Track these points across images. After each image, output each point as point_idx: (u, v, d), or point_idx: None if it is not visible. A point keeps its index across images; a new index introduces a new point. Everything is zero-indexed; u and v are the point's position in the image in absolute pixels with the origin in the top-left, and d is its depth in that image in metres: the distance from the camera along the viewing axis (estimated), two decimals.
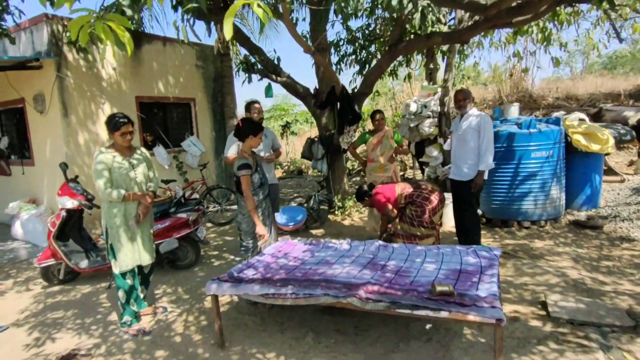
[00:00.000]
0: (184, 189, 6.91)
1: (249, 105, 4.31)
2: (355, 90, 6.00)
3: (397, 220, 3.72)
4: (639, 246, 4.26)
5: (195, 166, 7.56)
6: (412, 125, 6.75)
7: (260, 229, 3.36)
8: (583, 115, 6.60)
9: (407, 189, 3.69)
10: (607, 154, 5.52)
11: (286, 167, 13.73)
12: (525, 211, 4.89)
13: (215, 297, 2.85)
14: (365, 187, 4.02)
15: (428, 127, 6.73)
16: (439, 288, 2.34)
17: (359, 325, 3.04)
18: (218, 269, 4.48)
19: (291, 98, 14.75)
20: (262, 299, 2.66)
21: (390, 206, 3.73)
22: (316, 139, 6.19)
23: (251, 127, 3.38)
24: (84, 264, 4.25)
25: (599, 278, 3.57)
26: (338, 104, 4.75)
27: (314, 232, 5.68)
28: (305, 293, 2.53)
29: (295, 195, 8.86)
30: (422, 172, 7.46)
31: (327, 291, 2.51)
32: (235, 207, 7.39)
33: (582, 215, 5.14)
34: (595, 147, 4.96)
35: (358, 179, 9.15)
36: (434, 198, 3.57)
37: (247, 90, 26.51)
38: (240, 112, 9.30)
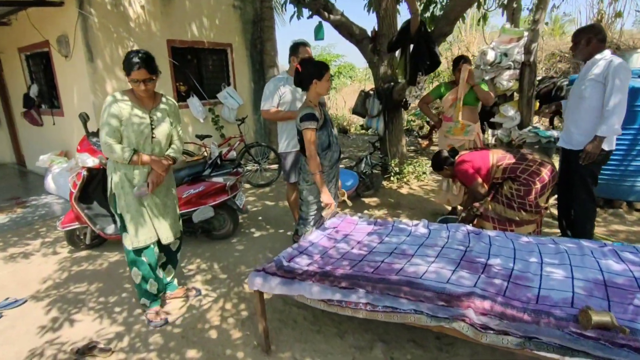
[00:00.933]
0: (220, 145, 6.30)
1: (296, 48, 3.42)
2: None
3: (489, 198, 2.87)
4: None
5: (232, 120, 6.89)
6: (486, 78, 5.61)
7: (326, 196, 2.66)
8: None
9: (506, 159, 2.79)
10: None
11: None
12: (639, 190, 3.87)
13: (259, 294, 2.21)
14: (446, 153, 3.16)
15: (507, 80, 5.57)
16: (595, 318, 1.54)
17: (441, 336, 2.33)
18: (259, 241, 3.87)
19: (334, 47, 13.54)
20: (325, 306, 1.98)
21: (479, 179, 2.87)
22: (372, 92, 5.26)
23: (316, 69, 2.59)
24: (110, 229, 3.76)
25: None
26: (411, 46, 3.77)
27: (366, 200, 4.94)
28: (386, 306, 1.81)
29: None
30: (487, 135, 6.40)
31: (416, 305, 1.78)
32: (276, 166, 6.76)
33: None
34: None
35: (419, 140, 8.18)
36: (545, 174, 2.66)
37: (289, 35, 24.72)
38: (282, 61, 8.40)
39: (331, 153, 2.73)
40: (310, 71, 2.61)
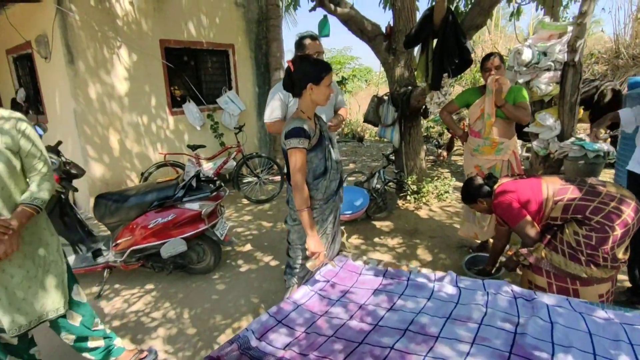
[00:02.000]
0: (216, 156, 5.66)
1: (301, 42, 2.75)
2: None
3: (543, 244, 2.11)
4: None
5: (234, 127, 6.28)
6: (521, 81, 4.81)
7: (313, 242, 1.96)
8: None
9: (569, 192, 2.02)
10: None
11: (340, 130, 12.13)
12: None
13: None
14: (480, 180, 2.40)
15: (546, 83, 4.75)
16: None
17: None
18: (246, 279, 3.19)
19: (350, 50, 12.87)
20: None
21: (528, 218, 2.11)
22: (386, 98, 4.54)
23: (313, 69, 1.91)
24: (69, 261, 3.14)
25: None
26: (435, 40, 3.01)
27: (378, 224, 4.20)
28: None
29: (351, 167, 7.35)
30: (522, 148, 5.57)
31: None
32: (279, 178, 6.09)
33: None
34: None
35: (438, 150, 7.37)
36: (628, 215, 1.88)
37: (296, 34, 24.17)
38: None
39: (327, 182, 2.02)
40: (305, 72, 1.92)
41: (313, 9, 4.24)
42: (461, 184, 3.12)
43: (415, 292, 1.95)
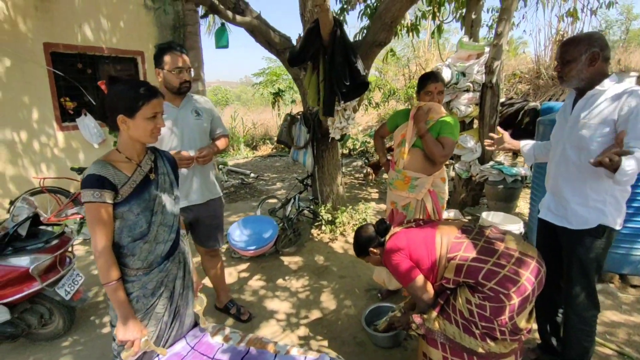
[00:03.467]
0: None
1: (159, 55, 2.24)
2: (359, 38, 3.78)
3: (435, 311, 1.74)
4: None
5: None
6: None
7: (122, 328, 1.43)
8: None
9: (462, 248, 1.66)
10: None
11: (276, 143, 11.63)
12: (638, 260, 2.89)
13: None
14: (372, 229, 2.00)
15: (465, 105, 4.62)
16: None
17: None
18: (103, 343, 2.55)
19: None
20: None
21: (419, 279, 1.74)
22: (299, 117, 4.12)
23: (125, 95, 1.42)
24: None
25: None
26: (324, 57, 2.60)
27: (286, 260, 3.73)
28: None
29: (277, 187, 6.86)
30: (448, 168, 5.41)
31: None
32: None
33: None
34: None
35: (367, 168, 7.10)
36: (527, 280, 1.54)
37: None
38: (210, 72, 7.11)
39: (149, 246, 1.49)
40: (116, 99, 1.41)
41: (204, 16, 3.71)
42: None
43: None
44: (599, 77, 1.70)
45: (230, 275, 3.45)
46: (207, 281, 2.98)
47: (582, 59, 1.67)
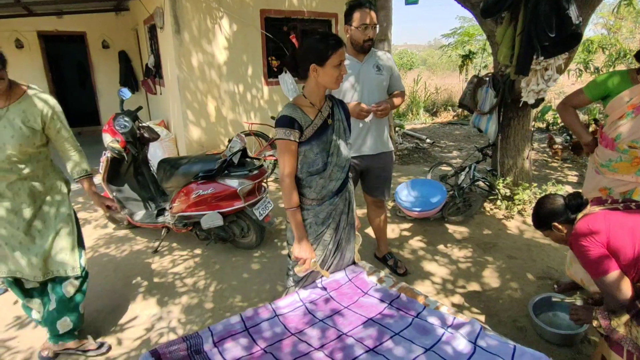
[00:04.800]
0: None
1: (349, 12, 2.37)
2: None
3: (628, 315, 1.41)
4: None
5: None
6: None
7: (298, 247, 1.71)
8: None
9: None
10: None
11: (459, 110, 10.90)
12: None
13: None
14: (561, 200, 1.72)
15: None
16: None
17: None
18: (281, 262, 3.07)
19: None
20: None
21: (615, 272, 1.43)
22: (487, 79, 3.74)
23: (315, 46, 1.58)
24: (139, 215, 3.49)
25: None
26: (526, 5, 2.17)
27: (450, 228, 3.60)
28: None
29: (453, 155, 6.53)
30: None
31: None
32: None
33: None
34: None
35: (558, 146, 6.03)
36: None
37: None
38: (398, 34, 7.03)
39: (324, 181, 1.68)
40: (308, 50, 1.60)
41: None
42: None
43: (415, 336, 1.53)
44: None
45: (393, 231, 3.57)
46: (369, 231, 3.18)
47: None
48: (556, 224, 1.71)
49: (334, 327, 1.59)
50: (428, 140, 7.54)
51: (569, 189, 4.39)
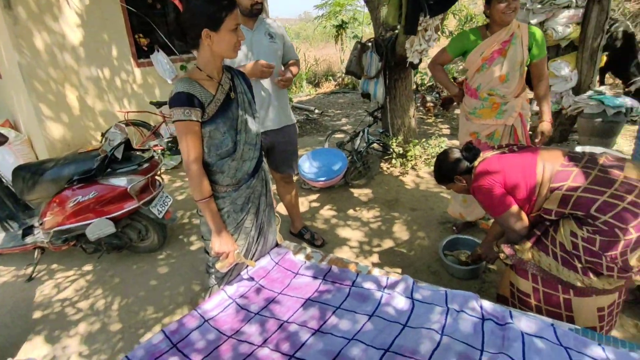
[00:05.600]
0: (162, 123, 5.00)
1: None
2: None
3: (530, 243, 1.62)
4: None
5: None
6: (534, 21, 4.04)
7: (218, 240, 1.52)
8: None
9: (571, 177, 1.48)
10: None
11: (339, 79, 11.30)
12: None
13: None
14: (458, 154, 1.87)
15: (564, 24, 3.99)
16: None
17: None
18: (194, 258, 2.81)
19: None
20: None
21: (514, 208, 1.61)
22: (370, 44, 3.86)
23: (205, 8, 1.35)
24: None
25: None
26: None
27: (355, 192, 3.73)
28: None
29: (342, 123, 6.75)
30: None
31: None
32: None
33: None
34: None
35: (429, 103, 6.69)
36: None
37: None
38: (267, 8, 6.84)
39: (237, 163, 1.52)
40: (197, 12, 1.36)
41: None
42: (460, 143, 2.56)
43: (356, 305, 1.52)
44: None
45: (302, 204, 3.54)
46: (281, 208, 3.09)
47: None
48: (458, 176, 1.85)
49: (272, 318, 1.49)
50: (317, 111, 7.65)
51: (446, 140, 4.92)
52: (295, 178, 4.01)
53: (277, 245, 1.93)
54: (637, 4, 8.69)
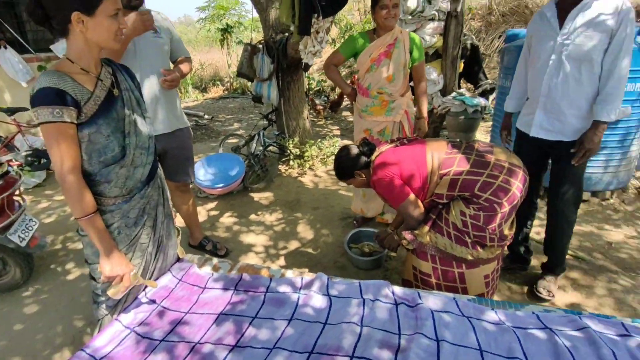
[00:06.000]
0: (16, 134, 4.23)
1: None
2: None
3: (427, 226, 1.76)
4: None
5: None
6: (406, 30, 4.48)
7: (108, 263, 1.29)
8: None
9: (455, 163, 1.66)
10: None
11: (227, 84, 11.00)
12: (587, 177, 3.13)
13: None
14: (356, 150, 1.94)
15: (430, 34, 4.52)
16: None
17: None
18: (70, 290, 2.38)
19: None
20: None
21: (411, 196, 1.73)
22: (260, 46, 3.81)
23: None
24: None
25: None
26: None
27: (256, 196, 3.64)
28: None
29: (235, 126, 6.56)
30: None
31: None
32: None
33: None
34: None
35: (319, 106, 6.93)
36: (517, 188, 1.59)
37: None
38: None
39: (126, 170, 1.32)
40: None
41: None
42: (351, 142, 2.67)
43: (273, 311, 1.45)
44: None
45: (200, 214, 3.30)
46: (178, 220, 2.83)
47: None
48: (357, 171, 1.93)
49: (182, 341, 1.33)
50: (206, 117, 7.31)
51: (339, 140, 5.15)
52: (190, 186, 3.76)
53: (178, 260, 1.74)
54: (479, 22, 10.38)
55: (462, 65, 5.38)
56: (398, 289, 1.52)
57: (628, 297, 2.17)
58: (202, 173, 3.70)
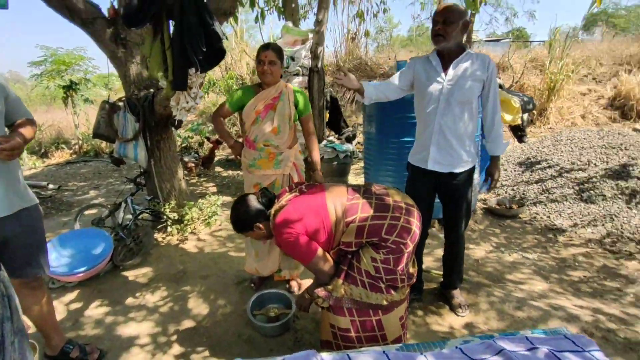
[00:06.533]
0: None
1: None
2: None
3: (340, 279, 1.70)
4: (575, 237, 3.51)
5: None
6: None
7: None
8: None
9: (359, 209, 1.66)
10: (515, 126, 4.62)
11: (76, 147, 9.61)
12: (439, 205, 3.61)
13: None
14: (255, 201, 1.81)
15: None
16: None
17: None
18: None
19: (83, 50, 10.33)
20: None
21: (319, 252, 1.67)
22: (121, 104, 3.42)
23: None
24: None
25: (604, 309, 2.46)
26: (171, 22, 2.17)
27: (130, 275, 3.09)
28: None
29: (91, 194, 5.66)
30: None
31: None
32: None
33: (491, 200, 4.24)
34: (507, 118, 4.00)
35: (191, 165, 6.54)
36: (416, 226, 1.67)
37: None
38: None
39: None
40: None
41: None
42: (231, 199, 2.50)
43: None
44: (461, 43, 2.03)
45: (56, 311, 2.61)
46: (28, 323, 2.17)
47: (459, 23, 1.95)
48: (257, 223, 1.81)
49: None
50: (51, 186, 6.16)
51: (221, 197, 4.89)
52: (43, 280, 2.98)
53: None
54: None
55: (327, 115, 5.82)
56: (326, 356, 1.40)
57: (505, 307, 2.47)
58: (55, 257, 3.00)
